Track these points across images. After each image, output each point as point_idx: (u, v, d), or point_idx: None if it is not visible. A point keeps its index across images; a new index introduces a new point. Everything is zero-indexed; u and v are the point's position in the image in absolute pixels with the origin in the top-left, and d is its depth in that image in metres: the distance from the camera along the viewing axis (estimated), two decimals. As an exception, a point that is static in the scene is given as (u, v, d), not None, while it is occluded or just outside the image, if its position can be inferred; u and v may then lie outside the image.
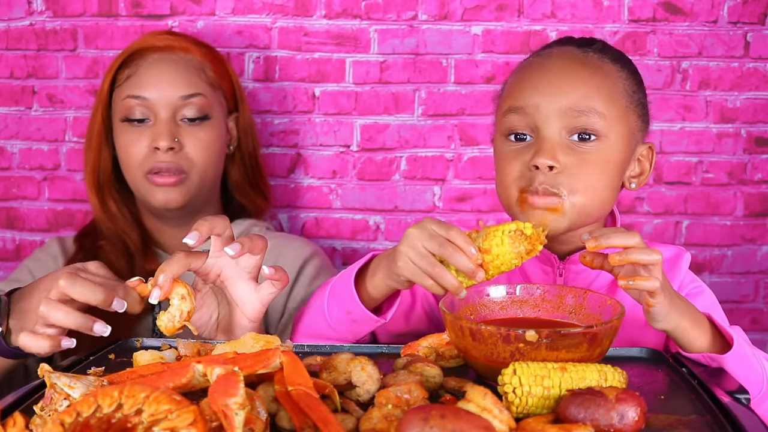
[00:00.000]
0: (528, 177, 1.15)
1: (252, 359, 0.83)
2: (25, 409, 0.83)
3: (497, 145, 1.23)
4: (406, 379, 0.87)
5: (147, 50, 1.55)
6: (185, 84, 1.53)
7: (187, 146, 1.52)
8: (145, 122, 1.52)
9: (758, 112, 1.81)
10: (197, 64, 1.57)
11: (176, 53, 1.55)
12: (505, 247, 1.02)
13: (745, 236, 1.84)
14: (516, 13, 1.78)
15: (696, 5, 1.77)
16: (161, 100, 1.52)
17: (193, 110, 1.53)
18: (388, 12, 1.79)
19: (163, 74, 1.53)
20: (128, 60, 1.55)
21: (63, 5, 1.80)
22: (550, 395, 0.82)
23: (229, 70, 1.64)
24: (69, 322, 1.06)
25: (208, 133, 1.55)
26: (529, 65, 1.23)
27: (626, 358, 1.04)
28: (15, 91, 1.84)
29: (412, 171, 1.84)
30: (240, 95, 1.65)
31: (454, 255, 1.02)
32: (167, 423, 0.69)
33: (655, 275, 0.99)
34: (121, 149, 1.55)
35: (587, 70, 1.17)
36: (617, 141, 1.16)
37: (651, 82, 1.79)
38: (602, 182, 1.16)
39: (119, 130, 1.55)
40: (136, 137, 1.52)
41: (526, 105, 1.16)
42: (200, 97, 1.54)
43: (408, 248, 1.05)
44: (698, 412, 0.85)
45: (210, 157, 1.55)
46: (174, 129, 1.52)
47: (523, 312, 1.10)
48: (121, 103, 1.53)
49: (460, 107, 1.82)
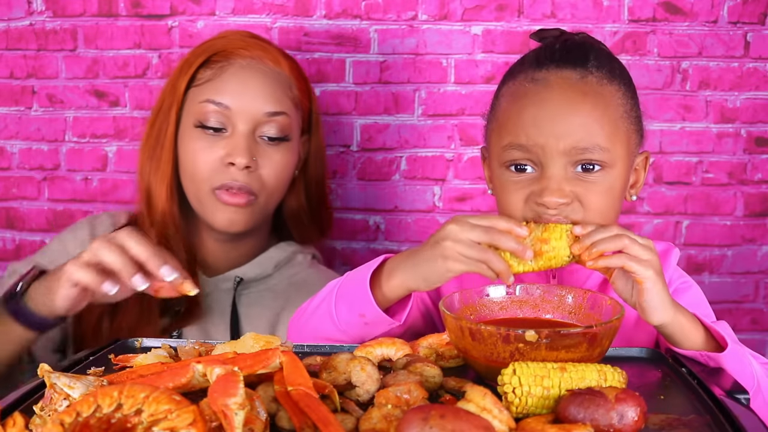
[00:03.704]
0: (535, 210, 1.15)
1: (252, 359, 0.82)
2: (25, 409, 0.83)
3: (496, 174, 1.21)
4: (406, 379, 0.87)
5: (234, 54, 1.43)
6: (272, 100, 1.42)
7: (262, 167, 1.41)
8: (220, 132, 1.40)
9: (758, 112, 1.81)
10: (285, 79, 1.45)
11: (266, 64, 1.44)
12: (562, 242, 1.06)
13: (745, 236, 1.84)
14: (516, 13, 1.78)
15: (696, 5, 1.77)
16: (243, 111, 1.39)
17: (274, 129, 1.41)
18: (388, 12, 1.79)
19: (249, 84, 1.41)
20: (212, 59, 1.44)
21: (63, 5, 1.80)
22: (550, 395, 0.82)
23: (310, 88, 1.53)
24: (118, 263, 1.09)
25: (284, 156, 1.44)
26: (525, 94, 1.17)
27: (626, 358, 1.04)
28: (15, 91, 1.84)
29: (412, 171, 1.84)
30: (316, 117, 1.54)
31: (501, 238, 1.05)
32: (167, 423, 0.69)
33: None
34: (188, 156, 1.42)
35: (588, 101, 1.14)
36: (620, 167, 1.17)
37: (651, 82, 1.79)
38: (609, 206, 1.17)
39: (189, 135, 1.42)
40: (209, 146, 1.40)
41: (529, 144, 1.14)
42: (284, 116, 1.43)
43: (454, 242, 1.06)
44: (698, 411, 0.85)
45: (282, 182, 1.45)
46: (252, 146, 1.40)
47: (522, 312, 1.10)
48: (198, 105, 1.41)
49: (460, 107, 1.82)
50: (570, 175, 1.14)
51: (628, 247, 1.02)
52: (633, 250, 1.02)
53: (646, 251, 1.02)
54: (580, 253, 1.05)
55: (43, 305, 1.17)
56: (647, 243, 1.04)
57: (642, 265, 1.01)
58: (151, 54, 1.82)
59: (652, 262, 1.02)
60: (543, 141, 1.13)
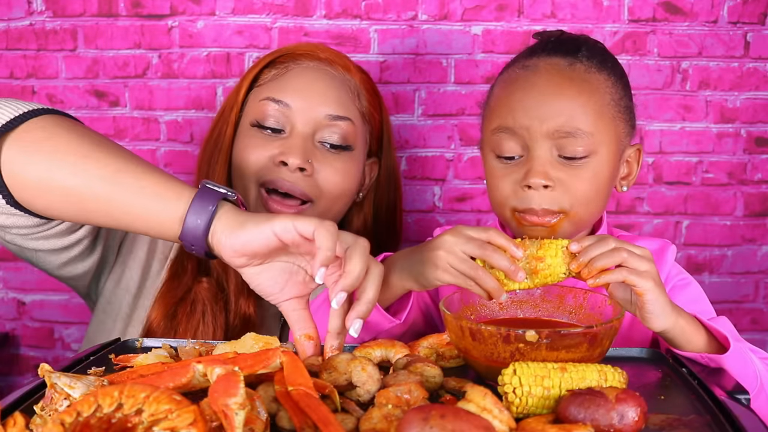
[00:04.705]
0: (521, 196, 1.17)
1: (252, 359, 0.83)
2: (26, 409, 0.83)
3: (487, 160, 1.23)
4: (406, 379, 0.87)
5: (303, 55, 1.36)
6: (337, 103, 1.32)
7: (319, 172, 1.29)
8: (279, 133, 1.30)
9: (758, 112, 1.81)
10: (354, 87, 1.36)
11: (335, 68, 1.36)
12: (558, 259, 1.04)
13: (745, 236, 1.84)
14: (516, 13, 1.78)
15: (696, 5, 1.77)
16: (305, 112, 1.30)
17: (337, 135, 1.31)
18: (388, 12, 1.79)
19: (315, 84, 1.32)
20: (277, 60, 1.36)
21: (63, 5, 1.80)
22: (550, 395, 0.82)
23: (383, 106, 1.45)
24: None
25: (346, 164, 1.32)
26: (515, 79, 1.20)
27: (626, 358, 1.04)
28: (15, 91, 1.84)
29: (412, 171, 1.84)
30: (388, 138, 1.44)
31: (493, 255, 1.03)
32: (167, 423, 0.69)
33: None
34: (238, 154, 1.32)
35: (574, 87, 1.16)
36: (606, 153, 1.18)
37: (651, 82, 1.80)
38: (595, 194, 1.18)
39: (245, 134, 1.32)
40: (261, 143, 1.29)
41: (515, 126, 1.16)
42: (349, 122, 1.32)
43: (447, 253, 1.06)
44: (698, 412, 0.85)
45: (343, 190, 1.33)
46: (310, 148, 1.29)
47: (523, 312, 1.10)
48: (257, 104, 1.32)
49: (460, 107, 1.82)
50: (555, 159, 1.16)
51: (627, 261, 1.01)
52: (632, 263, 1.01)
53: (644, 262, 1.01)
54: (579, 269, 1.03)
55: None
56: (644, 253, 1.03)
57: (642, 277, 1.00)
58: (151, 54, 1.82)
59: (650, 273, 1.01)
60: (528, 123, 1.15)
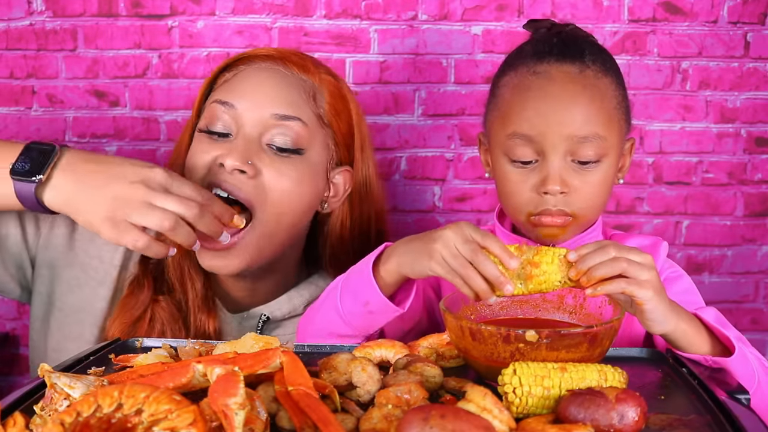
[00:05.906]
0: (537, 201, 1.21)
1: (252, 359, 0.82)
2: (25, 409, 0.83)
3: (500, 163, 1.24)
4: (406, 379, 0.87)
5: (257, 57, 1.30)
6: (285, 102, 1.25)
7: (264, 175, 1.23)
8: (226, 138, 1.25)
9: (758, 112, 1.81)
10: (310, 87, 1.29)
11: (289, 68, 1.29)
12: (554, 266, 1.03)
13: (745, 236, 1.84)
14: (516, 13, 1.78)
15: (696, 5, 1.77)
16: (251, 112, 1.24)
17: (284, 136, 1.24)
18: (388, 12, 1.79)
19: (263, 84, 1.26)
20: (233, 64, 1.31)
21: (63, 5, 1.80)
22: (550, 395, 0.82)
23: (354, 111, 1.35)
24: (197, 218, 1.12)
25: (297, 169, 1.25)
26: (528, 87, 1.22)
27: (626, 358, 1.04)
28: (15, 91, 1.84)
29: (412, 171, 1.84)
30: (362, 145, 1.36)
31: (484, 262, 1.03)
32: (167, 423, 0.69)
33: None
34: (189, 160, 1.27)
35: (587, 93, 1.20)
36: (613, 155, 1.23)
37: (651, 82, 1.80)
38: (603, 195, 1.24)
39: (196, 139, 1.29)
40: (207, 148, 1.25)
41: (532, 133, 1.19)
42: (298, 122, 1.25)
43: (442, 247, 1.07)
44: (698, 412, 0.85)
45: (292, 198, 1.25)
46: (253, 150, 1.23)
47: (523, 312, 1.10)
48: (208, 108, 1.29)
49: (460, 107, 1.82)
50: (570, 165, 1.20)
51: (627, 271, 0.99)
52: (632, 273, 0.99)
53: (644, 271, 1.00)
54: (578, 277, 1.01)
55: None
56: (645, 260, 1.01)
57: (642, 287, 0.99)
58: (151, 54, 1.81)
59: (651, 282, 1.00)
60: (545, 129, 1.19)
